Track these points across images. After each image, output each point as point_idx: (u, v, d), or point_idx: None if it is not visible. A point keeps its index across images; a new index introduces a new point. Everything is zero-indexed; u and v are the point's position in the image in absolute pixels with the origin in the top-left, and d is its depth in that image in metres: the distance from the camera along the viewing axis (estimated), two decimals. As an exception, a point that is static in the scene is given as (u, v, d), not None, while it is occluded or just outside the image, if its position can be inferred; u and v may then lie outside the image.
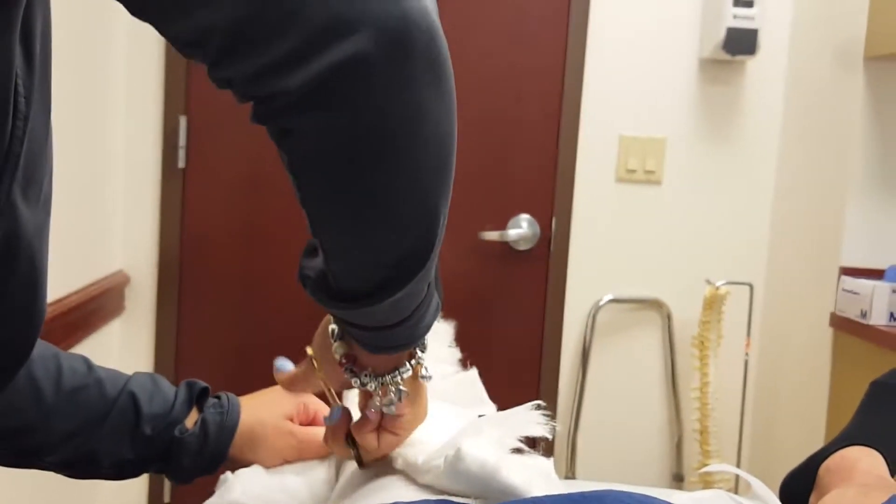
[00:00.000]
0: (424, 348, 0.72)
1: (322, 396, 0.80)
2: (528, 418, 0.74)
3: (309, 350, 0.75)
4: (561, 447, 2.51)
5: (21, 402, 0.77)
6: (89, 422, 0.79)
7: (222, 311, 2.44)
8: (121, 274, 2.33)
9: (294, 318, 1.88)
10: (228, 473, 0.87)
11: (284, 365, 0.78)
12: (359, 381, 0.71)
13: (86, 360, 0.83)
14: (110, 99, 2.22)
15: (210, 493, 0.88)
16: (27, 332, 0.68)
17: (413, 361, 0.71)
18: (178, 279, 2.42)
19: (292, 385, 0.78)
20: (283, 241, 2.43)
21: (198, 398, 0.86)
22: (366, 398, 0.74)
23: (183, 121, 2.37)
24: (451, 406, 0.92)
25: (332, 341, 0.71)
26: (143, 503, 2.44)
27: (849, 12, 2.19)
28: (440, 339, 1.01)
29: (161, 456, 0.83)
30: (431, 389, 0.82)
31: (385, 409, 0.72)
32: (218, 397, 0.87)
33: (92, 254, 2.13)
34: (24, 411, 0.77)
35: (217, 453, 0.84)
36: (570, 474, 2.50)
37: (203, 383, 0.87)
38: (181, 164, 2.38)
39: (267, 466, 0.87)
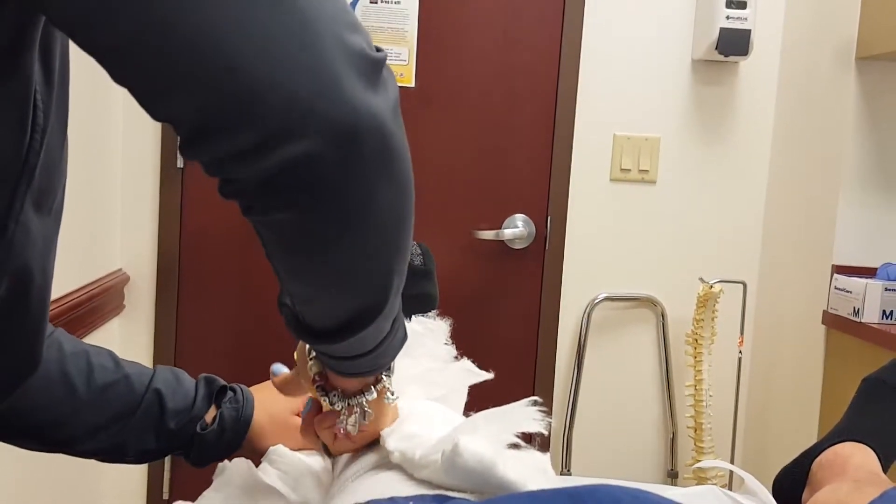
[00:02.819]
0: (391, 373, 0.79)
1: None
2: (524, 414, 0.75)
3: (296, 356, 0.82)
4: (556, 444, 2.53)
5: (55, 398, 0.82)
6: (118, 416, 0.85)
7: (221, 309, 2.45)
8: (120, 273, 2.34)
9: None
10: (226, 462, 0.90)
11: (279, 369, 0.86)
12: (328, 400, 0.78)
13: (112, 356, 0.89)
14: (109, 99, 2.22)
15: (208, 484, 0.90)
16: (36, 341, 0.71)
17: (378, 386, 0.78)
18: (177, 278, 2.43)
19: (285, 388, 0.85)
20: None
21: (217, 395, 0.93)
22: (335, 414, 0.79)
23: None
24: (447, 408, 0.93)
25: (308, 359, 0.79)
26: (142, 497, 2.45)
27: (841, 13, 2.20)
28: (436, 336, 1.02)
29: (182, 446, 0.90)
30: (424, 379, 0.86)
31: (349, 427, 0.78)
32: (234, 390, 0.94)
33: (92, 253, 2.14)
34: (57, 406, 0.82)
35: (232, 444, 0.92)
36: (565, 470, 2.51)
37: (221, 381, 0.93)
38: (180, 163, 2.39)
39: None
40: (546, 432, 0.73)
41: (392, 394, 0.79)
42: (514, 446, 0.74)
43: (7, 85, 0.57)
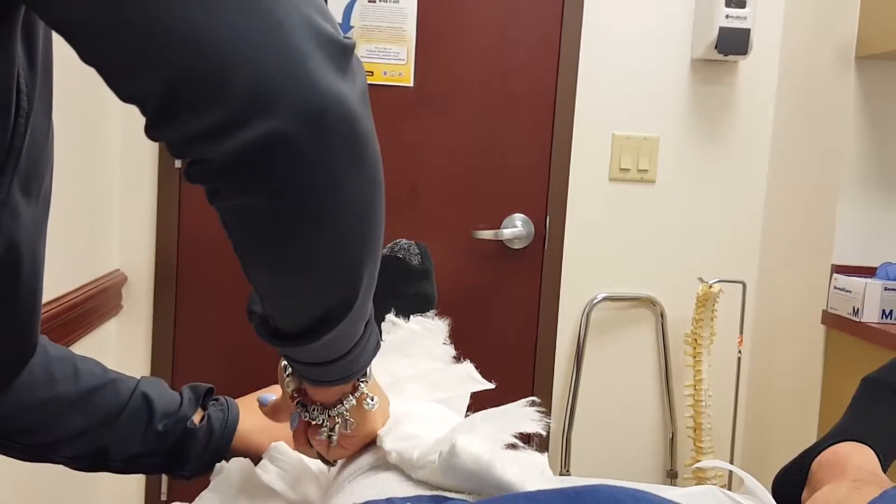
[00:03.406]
0: (367, 380, 0.78)
1: None
2: (522, 414, 0.75)
3: (279, 377, 0.82)
4: (556, 444, 2.53)
5: (40, 400, 0.82)
6: (104, 419, 0.85)
7: (219, 309, 2.45)
8: (118, 273, 2.34)
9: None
10: (224, 462, 0.89)
11: (266, 398, 0.86)
12: (308, 416, 0.78)
13: (99, 364, 0.88)
14: (107, 99, 2.22)
15: (205, 486, 0.90)
16: (30, 324, 0.71)
17: (356, 394, 0.77)
18: (174, 278, 2.42)
19: (274, 415, 0.85)
20: (278, 240, 2.44)
21: (203, 398, 0.92)
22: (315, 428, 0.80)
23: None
24: (445, 407, 0.93)
25: (285, 377, 0.79)
26: (141, 499, 2.45)
27: (840, 12, 2.20)
28: (435, 336, 1.02)
29: (170, 451, 0.89)
30: (426, 381, 0.85)
31: (334, 439, 0.79)
32: (216, 399, 0.93)
33: (89, 253, 2.13)
34: (43, 409, 0.82)
35: (220, 448, 0.91)
36: (564, 471, 2.51)
37: (206, 385, 0.93)
38: (178, 164, 2.39)
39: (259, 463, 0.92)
40: (544, 432, 0.73)
41: (372, 399, 0.78)
42: (512, 447, 0.74)
43: None
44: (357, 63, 0.56)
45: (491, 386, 0.97)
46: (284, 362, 0.77)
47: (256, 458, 0.93)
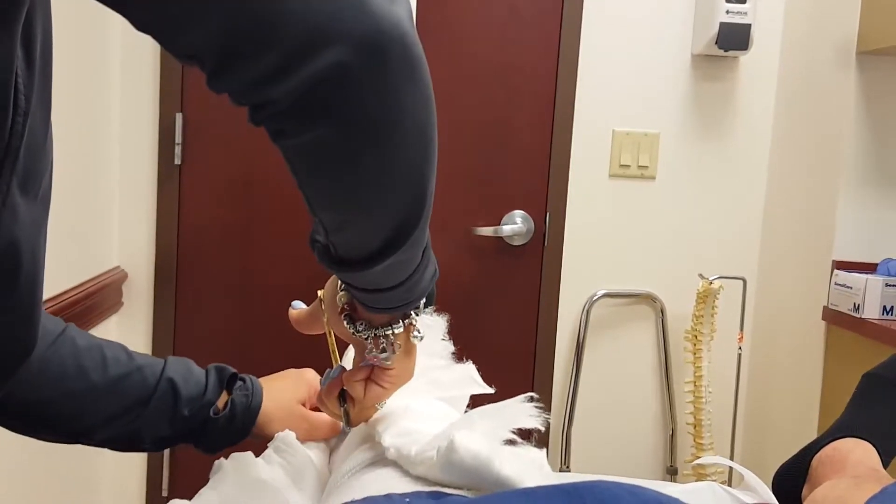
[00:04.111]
0: (419, 311, 0.77)
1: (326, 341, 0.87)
2: (521, 410, 0.75)
3: (320, 293, 0.82)
4: (555, 440, 2.53)
5: (72, 390, 0.85)
6: (134, 405, 0.88)
7: (219, 306, 2.45)
8: (118, 270, 2.34)
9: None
10: (222, 460, 0.90)
11: (299, 304, 0.87)
12: (354, 329, 0.77)
13: (125, 349, 0.91)
14: (107, 96, 2.22)
15: (206, 482, 0.90)
16: (28, 323, 0.72)
17: (406, 321, 0.76)
18: (174, 275, 2.42)
19: (300, 323, 0.85)
20: (279, 236, 2.44)
21: (228, 382, 0.95)
22: (361, 350, 0.79)
23: (179, 118, 2.37)
24: (444, 403, 0.92)
25: (339, 290, 0.77)
26: (142, 494, 2.45)
27: (841, 8, 2.20)
28: (434, 332, 1.02)
29: (195, 432, 0.92)
30: (426, 378, 0.85)
31: (375, 360, 0.77)
32: (243, 380, 0.96)
33: (89, 250, 2.13)
34: (74, 398, 0.85)
35: (242, 430, 0.93)
36: (564, 467, 2.51)
37: (231, 369, 0.96)
38: (178, 160, 2.39)
39: None
40: (543, 428, 0.73)
41: (419, 332, 0.78)
42: (511, 443, 0.74)
43: None
44: None
45: (491, 391, 0.97)
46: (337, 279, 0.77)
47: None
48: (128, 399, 0.88)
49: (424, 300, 0.77)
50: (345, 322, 0.77)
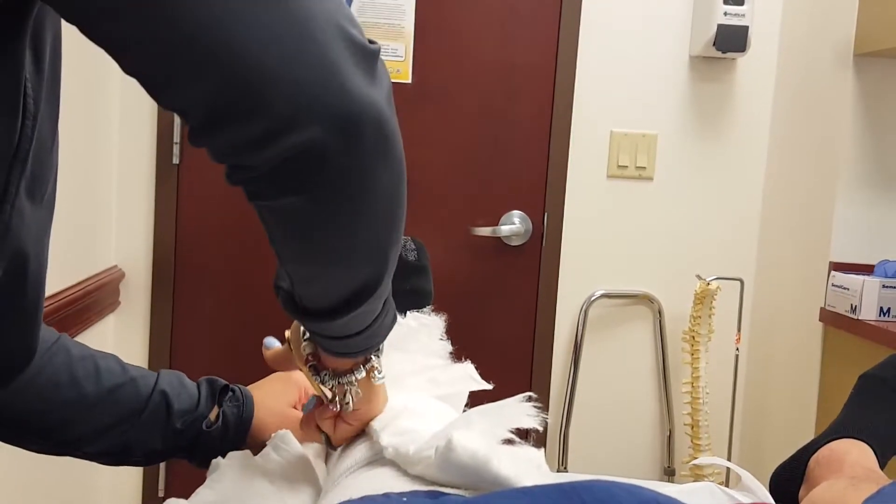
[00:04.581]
0: (379, 354, 0.82)
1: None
2: (518, 410, 0.75)
3: (287, 334, 0.84)
4: (553, 440, 2.53)
5: (65, 400, 0.84)
6: (126, 417, 0.87)
7: (217, 305, 2.45)
8: (116, 269, 2.33)
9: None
10: (219, 459, 0.90)
11: (272, 343, 0.90)
12: (319, 379, 0.81)
13: (118, 360, 0.91)
14: (105, 95, 2.22)
15: (203, 482, 0.90)
16: (34, 326, 0.72)
17: (367, 366, 0.81)
18: (172, 274, 2.42)
19: (275, 363, 0.88)
20: (276, 236, 2.44)
21: (219, 394, 0.95)
22: (325, 399, 0.83)
23: (178, 117, 2.37)
24: (442, 402, 0.92)
25: (302, 339, 0.81)
26: (138, 497, 2.45)
27: (839, 10, 2.20)
28: (431, 332, 1.02)
29: (188, 446, 0.92)
30: (424, 376, 0.86)
31: (343, 406, 0.81)
32: (233, 391, 0.96)
33: (87, 249, 2.13)
34: (67, 408, 0.85)
35: (235, 442, 0.94)
36: (562, 467, 2.51)
37: (222, 381, 0.96)
38: (176, 159, 2.38)
39: None
40: (540, 428, 0.73)
41: (379, 373, 0.82)
42: (509, 442, 0.74)
43: None
44: (382, 66, 0.59)
45: (489, 387, 0.98)
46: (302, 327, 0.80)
47: None
48: (120, 410, 0.87)
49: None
50: (311, 373, 0.81)
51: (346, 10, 0.57)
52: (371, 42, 0.58)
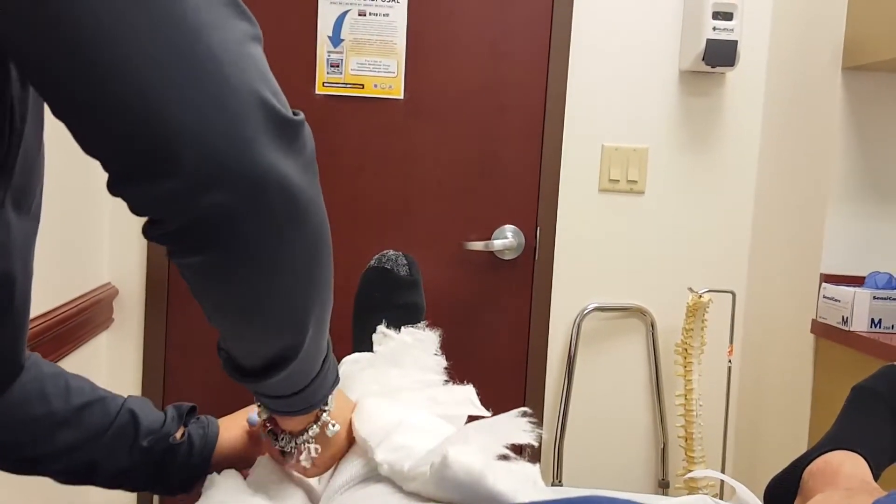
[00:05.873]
0: (329, 409, 0.84)
1: None
2: (514, 425, 0.75)
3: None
4: (547, 454, 2.52)
5: (33, 416, 0.84)
6: (92, 435, 0.88)
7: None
8: (109, 286, 2.33)
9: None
10: (215, 474, 0.90)
11: (254, 419, 0.94)
12: (278, 444, 0.85)
13: (89, 382, 0.91)
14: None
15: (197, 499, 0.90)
16: (21, 338, 0.73)
17: (319, 422, 0.84)
18: (166, 291, 2.41)
19: (254, 441, 0.95)
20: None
21: (185, 416, 0.96)
22: (284, 459, 0.88)
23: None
24: (436, 417, 0.92)
25: (258, 406, 0.85)
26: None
27: (827, 23, 2.22)
28: (426, 347, 1.02)
29: (154, 466, 0.91)
30: (424, 394, 0.87)
31: (303, 464, 0.85)
32: (198, 418, 0.98)
33: (80, 266, 2.13)
34: (35, 424, 0.85)
35: (201, 463, 0.94)
36: (556, 481, 2.50)
37: (189, 404, 0.97)
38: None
39: (252, 459, 0.97)
40: (536, 443, 0.73)
41: (333, 426, 0.84)
42: (504, 458, 0.74)
43: None
44: (305, 136, 0.61)
45: (487, 414, 0.98)
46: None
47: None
48: (88, 428, 0.88)
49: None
50: (269, 437, 0.86)
51: (271, 81, 0.59)
52: (295, 113, 0.60)
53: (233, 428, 0.98)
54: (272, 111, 0.58)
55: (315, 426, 0.83)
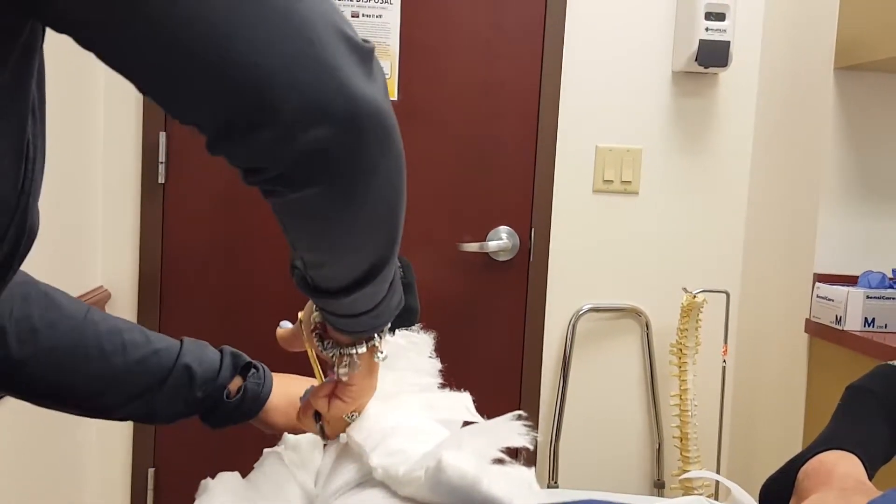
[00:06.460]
0: (383, 334, 0.86)
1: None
2: (509, 429, 0.75)
3: (300, 314, 0.90)
4: (543, 455, 2.52)
5: (94, 372, 0.92)
6: (150, 387, 0.95)
7: (203, 325, 2.44)
8: (102, 290, 2.32)
9: (274, 331, 1.88)
10: (209, 479, 0.90)
11: (286, 324, 0.96)
12: (322, 346, 0.86)
13: (143, 331, 0.98)
14: (91, 115, 2.21)
15: (191, 494, 0.91)
16: None
17: (370, 343, 0.84)
18: (158, 294, 2.41)
19: (284, 341, 0.95)
20: (262, 255, 2.43)
21: (242, 369, 1.02)
22: (329, 366, 0.88)
23: (163, 137, 2.37)
24: (432, 420, 0.92)
25: (313, 311, 0.87)
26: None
27: (819, 24, 2.22)
28: (420, 350, 1.02)
29: (206, 410, 0.99)
30: (420, 400, 0.86)
31: (340, 375, 0.85)
32: (257, 368, 1.04)
33: (73, 270, 2.12)
34: (96, 380, 0.92)
35: (248, 414, 1.02)
36: (552, 482, 2.50)
37: (246, 357, 1.03)
38: (161, 179, 2.38)
39: (279, 431, 1.03)
40: (531, 447, 0.73)
41: (381, 353, 0.85)
42: (499, 461, 0.74)
43: (8, 119, 0.60)
44: (377, 63, 0.63)
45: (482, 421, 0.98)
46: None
47: (272, 433, 1.03)
48: (145, 381, 0.94)
49: (390, 326, 0.85)
50: (315, 340, 0.87)
51: (340, 11, 0.60)
52: (365, 41, 0.61)
53: (286, 395, 1.03)
54: (351, 40, 0.59)
55: (365, 344, 0.84)
